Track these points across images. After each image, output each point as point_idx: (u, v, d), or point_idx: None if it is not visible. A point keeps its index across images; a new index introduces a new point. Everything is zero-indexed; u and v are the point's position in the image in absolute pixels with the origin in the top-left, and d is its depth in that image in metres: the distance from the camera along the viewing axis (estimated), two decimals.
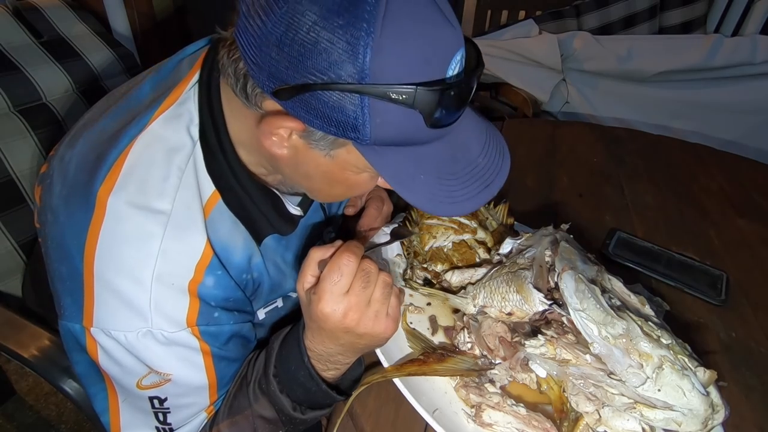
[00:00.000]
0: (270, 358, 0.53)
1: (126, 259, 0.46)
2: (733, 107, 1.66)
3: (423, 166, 0.42)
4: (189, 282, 0.47)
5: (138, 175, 0.46)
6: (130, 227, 0.46)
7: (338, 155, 0.43)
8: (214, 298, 0.50)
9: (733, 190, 1.01)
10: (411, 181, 0.42)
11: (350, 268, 0.44)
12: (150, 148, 0.47)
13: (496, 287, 0.57)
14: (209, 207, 0.50)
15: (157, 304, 0.46)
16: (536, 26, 1.77)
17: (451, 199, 0.43)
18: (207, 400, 0.53)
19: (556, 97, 1.74)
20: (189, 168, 0.48)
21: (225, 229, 0.51)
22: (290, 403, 0.51)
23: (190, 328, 0.48)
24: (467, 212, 0.44)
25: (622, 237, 0.82)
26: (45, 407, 1.32)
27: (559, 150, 1.13)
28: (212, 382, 0.53)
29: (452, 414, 0.51)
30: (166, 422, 0.52)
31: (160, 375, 0.49)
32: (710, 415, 0.43)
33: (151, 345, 0.47)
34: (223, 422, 0.54)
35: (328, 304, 0.44)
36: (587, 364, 0.48)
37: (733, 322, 0.69)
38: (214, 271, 0.49)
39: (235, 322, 0.53)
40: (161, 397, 0.51)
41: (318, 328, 0.48)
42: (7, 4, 0.85)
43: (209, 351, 0.51)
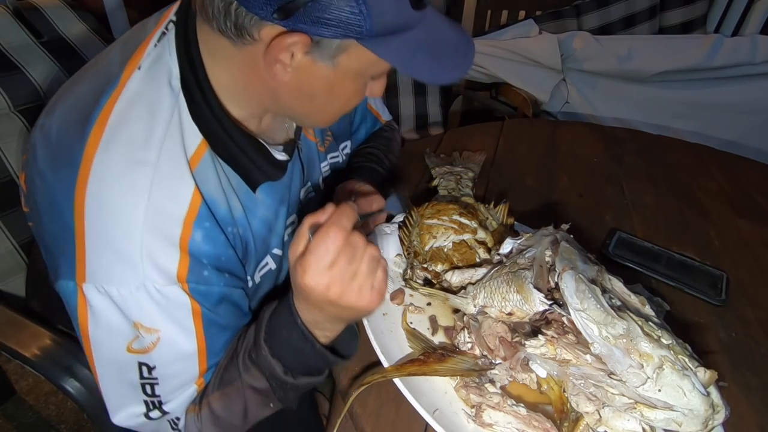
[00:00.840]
0: (260, 326, 0.53)
1: (116, 211, 0.46)
2: (733, 107, 1.66)
3: (417, 47, 0.46)
4: (179, 236, 0.47)
5: (122, 131, 0.47)
6: (117, 180, 0.46)
7: (340, 63, 0.46)
8: (205, 255, 0.50)
9: (733, 190, 1.01)
10: (412, 61, 0.46)
11: (336, 243, 0.44)
12: (132, 104, 0.48)
13: (496, 287, 0.57)
14: (197, 157, 0.50)
15: (149, 255, 0.46)
16: (536, 26, 1.77)
17: (443, 69, 0.48)
18: (196, 368, 0.53)
19: (556, 97, 1.74)
20: (174, 120, 0.49)
21: (213, 180, 0.51)
22: (281, 367, 0.51)
23: (180, 283, 0.48)
24: (457, 78, 0.49)
25: (622, 237, 0.82)
26: (45, 407, 1.33)
27: (559, 150, 1.13)
28: (201, 347, 0.52)
29: (452, 414, 0.51)
30: (154, 394, 0.52)
31: (151, 335, 0.48)
32: (711, 415, 0.43)
33: (144, 300, 0.47)
34: (213, 394, 0.54)
35: (312, 277, 0.45)
36: (587, 365, 0.48)
37: (733, 322, 0.69)
38: (203, 223, 0.49)
39: (226, 284, 0.52)
40: (150, 364, 0.50)
41: (303, 299, 0.49)
42: (7, 4, 0.85)
43: (200, 311, 0.50)
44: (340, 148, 0.79)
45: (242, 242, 0.56)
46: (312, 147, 0.70)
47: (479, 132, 1.19)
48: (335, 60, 0.46)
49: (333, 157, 0.78)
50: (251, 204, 0.57)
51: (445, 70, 0.48)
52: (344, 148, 0.81)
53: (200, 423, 0.54)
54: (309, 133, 0.69)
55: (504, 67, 1.71)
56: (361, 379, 0.54)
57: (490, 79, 1.77)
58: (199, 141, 0.50)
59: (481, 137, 1.14)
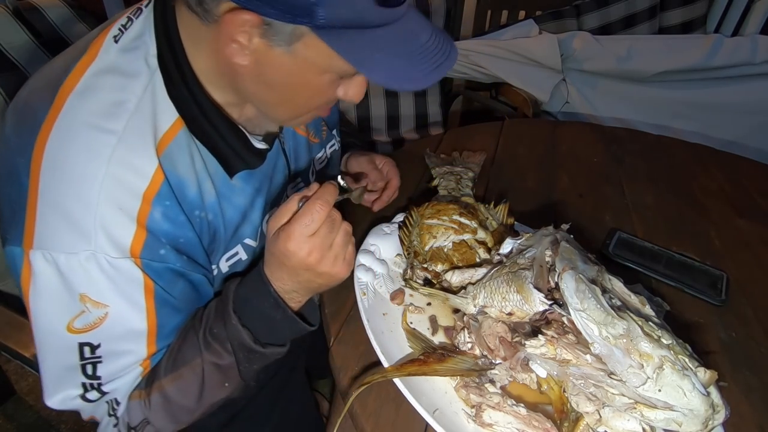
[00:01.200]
0: (227, 298, 0.53)
1: (72, 177, 0.45)
2: (733, 107, 1.66)
3: (378, 46, 0.44)
4: (138, 210, 0.47)
5: (90, 98, 0.46)
6: (77, 144, 0.45)
7: (297, 51, 0.45)
8: (163, 234, 0.49)
9: (733, 190, 1.01)
10: (370, 60, 0.44)
11: (321, 214, 0.48)
12: (104, 74, 0.47)
13: (496, 287, 0.57)
14: (170, 135, 0.49)
15: (102, 225, 0.45)
16: (536, 26, 1.77)
17: (407, 76, 0.46)
18: (144, 350, 0.51)
19: (556, 97, 1.73)
20: (146, 95, 0.48)
21: (182, 160, 0.50)
22: (251, 335, 0.52)
23: (133, 258, 0.47)
24: (421, 87, 0.46)
25: (622, 237, 0.82)
26: (45, 407, 1.32)
27: (559, 150, 1.13)
28: (152, 327, 0.51)
29: (452, 414, 0.51)
30: (95, 375, 0.50)
31: (98, 309, 0.47)
32: (711, 415, 0.43)
33: (94, 271, 0.45)
34: (166, 377, 0.52)
35: (295, 242, 0.48)
36: (588, 365, 0.48)
37: (733, 322, 0.69)
38: (163, 201, 0.48)
39: (183, 266, 0.51)
40: (94, 343, 0.49)
41: (280, 264, 0.51)
42: (7, 4, 0.85)
43: (152, 289, 0.49)
44: (334, 133, 0.80)
45: (210, 228, 0.55)
46: (301, 141, 0.69)
47: (479, 132, 1.18)
48: (291, 47, 0.44)
49: (331, 146, 0.78)
50: (227, 190, 0.56)
51: (406, 78, 0.46)
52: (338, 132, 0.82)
53: (149, 409, 0.53)
54: (299, 126, 0.69)
55: (504, 67, 1.71)
56: (361, 379, 0.54)
57: (490, 79, 1.77)
58: (174, 119, 0.50)
59: (481, 137, 1.14)
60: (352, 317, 0.63)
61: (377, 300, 0.63)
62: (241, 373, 0.54)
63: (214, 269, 0.59)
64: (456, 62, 0.49)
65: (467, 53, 1.70)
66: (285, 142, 0.66)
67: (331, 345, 0.60)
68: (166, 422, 0.54)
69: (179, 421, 0.55)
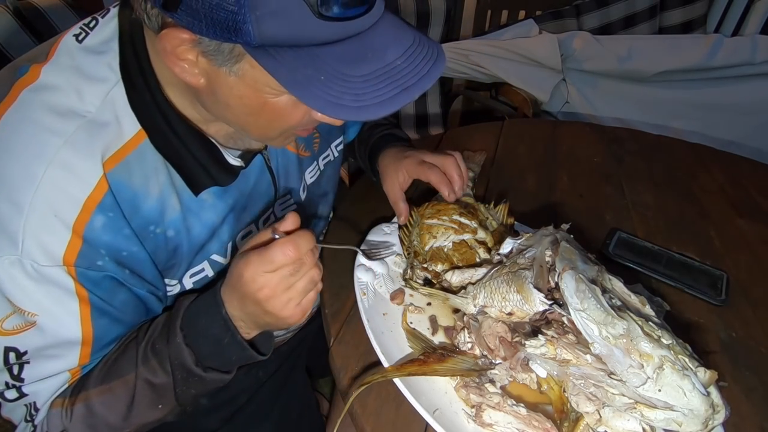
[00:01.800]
0: (177, 314, 0.50)
1: (6, 175, 0.43)
2: (733, 107, 1.66)
3: (323, 67, 0.39)
4: (75, 219, 0.44)
5: (44, 95, 0.44)
6: (20, 141, 0.43)
7: (243, 71, 0.42)
8: (103, 245, 0.46)
9: (733, 190, 1.01)
10: (309, 83, 0.39)
11: (286, 257, 0.44)
12: (62, 73, 0.45)
13: (496, 287, 0.57)
14: (130, 146, 0.47)
15: (31, 231, 0.43)
16: (536, 26, 1.77)
17: (357, 102, 0.39)
18: (76, 359, 0.49)
19: (556, 97, 1.73)
20: (107, 103, 0.46)
21: (141, 173, 0.48)
22: (193, 357, 0.49)
23: (66, 266, 0.44)
24: (377, 116, 0.40)
25: (622, 237, 0.82)
26: None
27: (559, 150, 1.13)
28: (87, 337, 0.48)
29: (452, 414, 0.51)
30: (19, 377, 0.48)
31: (25, 316, 0.45)
32: (711, 415, 0.43)
33: (19, 276, 0.43)
34: (95, 389, 0.49)
35: (250, 272, 0.45)
36: (588, 364, 0.48)
37: (733, 322, 0.69)
38: (106, 212, 0.45)
39: (125, 280, 0.49)
40: (20, 349, 0.46)
41: (233, 288, 0.48)
42: (7, 4, 0.85)
43: (87, 298, 0.47)
44: (333, 146, 0.77)
45: (168, 244, 0.53)
46: (291, 158, 0.67)
47: (479, 132, 1.18)
48: (235, 67, 0.41)
49: (325, 158, 0.76)
50: (195, 205, 0.54)
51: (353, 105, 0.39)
52: (338, 145, 0.79)
53: (69, 419, 0.49)
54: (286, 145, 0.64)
55: (504, 67, 1.71)
56: (361, 379, 0.54)
57: (490, 79, 1.77)
58: (136, 131, 0.47)
59: (481, 137, 1.14)
60: (352, 317, 0.63)
61: (377, 300, 0.63)
62: (177, 395, 0.51)
63: (176, 285, 0.56)
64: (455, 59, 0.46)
65: (467, 53, 1.70)
66: (271, 159, 0.62)
67: (331, 345, 0.60)
68: None
69: None
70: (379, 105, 0.40)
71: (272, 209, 0.66)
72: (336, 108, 0.40)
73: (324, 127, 0.71)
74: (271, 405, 0.80)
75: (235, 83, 0.43)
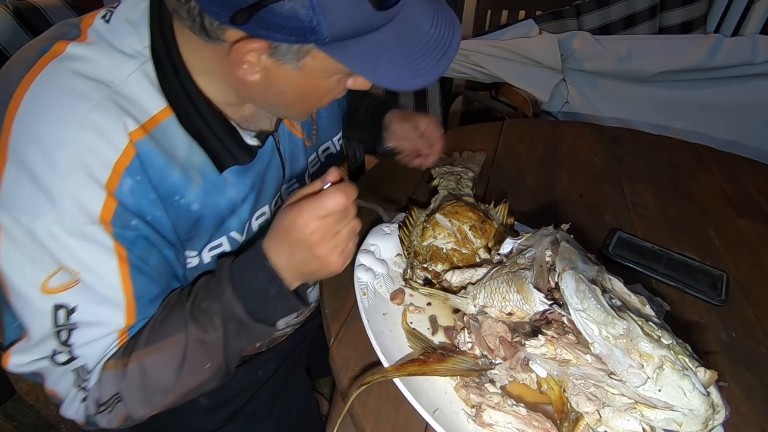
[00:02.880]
0: (222, 271, 0.53)
1: (41, 136, 0.44)
2: (733, 107, 1.66)
3: (382, 49, 0.44)
4: (107, 180, 0.46)
5: (73, 63, 0.46)
6: (52, 106, 0.45)
7: (306, 65, 0.46)
8: (133, 207, 0.48)
9: (733, 190, 1.01)
10: (376, 66, 0.45)
11: (338, 203, 0.49)
12: (89, 47, 0.47)
13: (496, 287, 0.57)
14: (156, 120, 0.49)
15: (69, 191, 0.44)
16: (536, 26, 1.77)
17: (413, 73, 0.46)
18: (122, 319, 0.50)
19: (556, 97, 1.74)
20: (134, 77, 0.48)
21: (166, 147, 0.50)
22: (244, 309, 0.51)
23: (104, 225, 0.46)
24: (430, 82, 0.47)
25: (622, 237, 0.82)
26: (45, 407, 1.33)
27: (559, 150, 1.13)
28: (129, 297, 0.50)
29: (452, 414, 0.51)
30: (67, 343, 0.49)
31: (70, 274, 0.46)
32: (711, 415, 0.43)
33: (61, 235, 0.45)
34: (146, 348, 0.51)
35: (304, 218, 0.49)
36: (588, 365, 0.48)
37: (733, 322, 0.69)
38: (134, 176, 0.48)
39: (156, 240, 0.51)
40: (69, 305, 0.47)
41: (283, 237, 0.51)
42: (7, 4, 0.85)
43: (126, 257, 0.49)
44: (334, 140, 0.80)
45: (191, 216, 0.55)
46: (298, 143, 0.70)
47: (479, 132, 1.19)
48: (300, 63, 0.46)
49: (325, 149, 0.78)
50: (218, 182, 0.56)
51: (414, 75, 0.46)
52: (338, 140, 0.82)
53: (123, 380, 0.51)
54: (295, 129, 0.69)
55: (504, 67, 1.71)
56: (361, 379, 0.54)
57: (490, 79, 1.77)
58: (162, 107, 0.50)
59: (481, 137, 1.14)
60: (352, 317, 0.63)
61: (377, 300, 0.63)
62: (226, 351, 0.53)
63: (195, 257, 0.58)
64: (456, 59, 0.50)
65: (467, 53, 1.70)
66: (280, 143, 0.66)
67: (331, 345, 0.60)
68: (139, 400, 0.52)
69: (152, 403, 0.53)
70: (430, 72, 0.46)
71: (279, 193, 0.68)
72: (400, 82, 0.46)
73: (322, 118, 0.75)
74: (271, 405, 0.80)
75: (295, 75, 0.47)
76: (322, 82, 0.49)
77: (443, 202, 0.75)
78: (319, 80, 0.49)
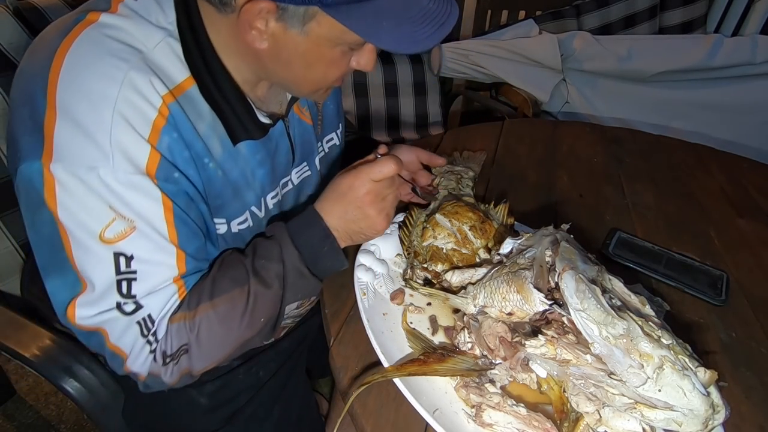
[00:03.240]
0: (280, 230, 0.58)
1: (88, 95, 0.47)
2: (733, 107, 1.66)
3: (383, 16, 0.48)
4: (149, 134, 0.49)
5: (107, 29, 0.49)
6: (92, 65, 0.47)
7: (311, 30, 0.49)
8: (173, 161, 0.51)
9: (733, 190, 1.01)
10: (377, 30, 0.48)
11: (391, 168, 0.56)
12: (120, 17, 0.50)
13: (496, 287, 0.57)
14: (182, 88, 0.52)
15: (117, 143, 0.47)
16: (536, 26, 1.77)
17: (411, 40, 0.49)
18: (175, 266, 0.53)
19: (556, 97, 1.74)
20: (161, 46, 0.51)
21: (191, 113, 0.53)
22: (304, 261, 0.57)
23: (150, 176, 0.49)
24: (427, 47, 0.50)
25: (622, 237, 0.82)
26: (45, 407, 1.33)
27: (559, 150, 1.13)
28: (176, 247, 0.53)
29: (452, 414, 0.51)
30: (129, 294, 0.51)
31: (125, 222, 0.49)
32: (711, 415, 0.43)
33: (114, 185, 0.47)
34: (212, 301, 0.54)
35: (360, 181, 0.57)
36: (588, 365, 0.48)
37: (733, 322, 0.69)
38: (170, 133, 0.51)
39: (194, 196, 0.54)
40: (127, 253, 0.50)
41: (338, 198, 0.58)
42: (7, 4, 0.85)
43: (171, 208, 0.51)
44: (337, 132, 0.81)
45: (216, 180, 0.57)
46: (308, 129, 0.71)
47: (479, 132, 1.19)
48: (305, 27, 0.48)
49: (329, 140, 0.79)
50: (233, 153, 0.59)
51: (411, 42, 0.49)
52: (341, 133, 0.83)
53: (191, 332, 0.53)
54: (304, 115, 0.70)
55: (504, 67, 1.71)
56: (361, 379, 0.54)
57: (490, 79, 1.77)
58: (185, 76, 0.53)
59: (481, 137, 1.14)
60: (352, 317, 0.63)
61: (377, 300, 0.63)
62: (282, 304, 0.57)
63: (223, 224, 0.61)
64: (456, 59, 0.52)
65: (467, 53, 1.70)
66: (290, 128, 0.67)
67: (331, 345, 0.60)
68: (203, 353, 0.54)
69: (212, 356, 0.56)
70: (425, 41, 0.49)
71: (290, 176, 0.69)
72: (400, 46, 0.49)
73: (327, 110, 0.76)
74: (271, 406, 0.80)
75: (301, 41, 0.50)
76: (327, 52, 0.52)
77: (443, 202, 0.75)
78: (324, 49, 0.51)
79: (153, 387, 0.56)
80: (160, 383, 0.55)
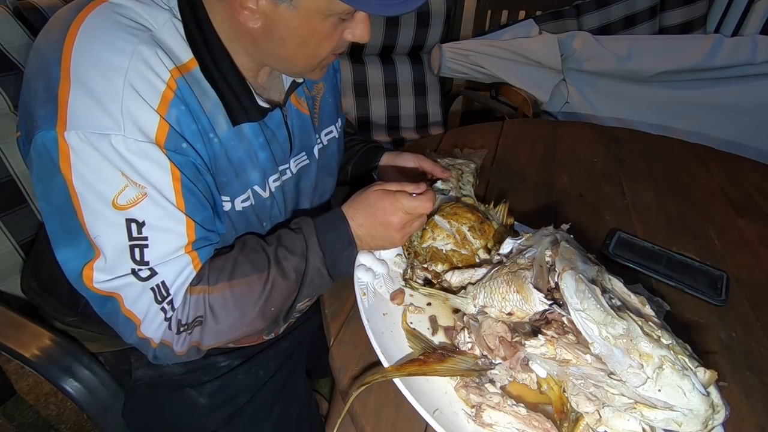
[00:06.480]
0: (307, 226, 0.61)
1: (99, 62, 0.48)
2: (733, 107, 1.66)
3: None
4: (158, 105, 0.50)
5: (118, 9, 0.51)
6: (105, 37, 0.49)
7: (300, 3, 0.50)
8: (180, 133, 0.53)
9: (733, 190, 1.01)
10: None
11: (425, 209, 0.62)
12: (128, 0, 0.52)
13: (496, 287, 0.57)
14: (186, 67, 0.54)
15: (128, 111, 0.48)
16: (536, 26, 1.77)
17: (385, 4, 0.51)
18: (185, 233, 0.54)
19: (556, 97, 1.74)
20: (166, 27, 0.53)
21: (196, 91, 0.55)
22: (323, 260, 0.59)
23: (159, 145, 0.50)
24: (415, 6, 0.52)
25: (622, 237, 0.82)
26: (45, 407, 1.33)
27: (559, 150, 1.13)
28: (186, 214, 0.54)
29: (452, 414, 0.51)
30: (143, 260, 0.52)
31: (137, 188, 0.50)
32: (710, 415, 0.43)
33: (125, 152, 0.49)
34: (232, 280, 0.56)
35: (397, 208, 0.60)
36: (587, 365, 0.48)
37: (733, 322, 0.69)
38: (179, 105, 0.52)
39: (200, 167, 0.55)
40: (139, 219, 0.51)
41: (370, 214, 0.61)
42: (7, 4, 0.85)
43: (179, 177, 0.52)
44: (336, 125, 0.81)
45: (220, 157, 0.58)
46: (306, 119, 0.72)
47: (479, 132, 1.19)
48: (294, 2, 0.50)
49: (328, 133, 0.80)
50: (238, 131, 0.60)
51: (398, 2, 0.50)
52: (339, 126, 0.83)
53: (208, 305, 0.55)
54: (302, 106, 0.71)
55: (504, 67, 1.71)
56: (361, 379, 0.54)
57: (490, 79, 1.77)
58: (189, 57, 0.54)
59: (481, 137, 1.14)
60: (352, 317, 0.63)
61: (377, 300, 0.63)
62: (296, 297, 0.59)
63: (228, 202, 0.62)
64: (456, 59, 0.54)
65: (467, 53, 1.70)
66: (288, 117, 0.68)
67: (331, 345, 0.60)
68: (216, 328, 0.56)
69: (222, 334, 0.57)
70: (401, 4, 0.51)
71: (288, 165, 0.70)
72: (388, 7, 0.51)
73: (325, 104, 0.77)
74: (271, 406, 0.80)
75: (291, 16, 0.51)
76: (318, 25, 0.53)
77: (442, 203, 0.75)
78: (315, 22, 0.52)
79: (161, 358, 0.57)
80: (170, 353, 0.56)
